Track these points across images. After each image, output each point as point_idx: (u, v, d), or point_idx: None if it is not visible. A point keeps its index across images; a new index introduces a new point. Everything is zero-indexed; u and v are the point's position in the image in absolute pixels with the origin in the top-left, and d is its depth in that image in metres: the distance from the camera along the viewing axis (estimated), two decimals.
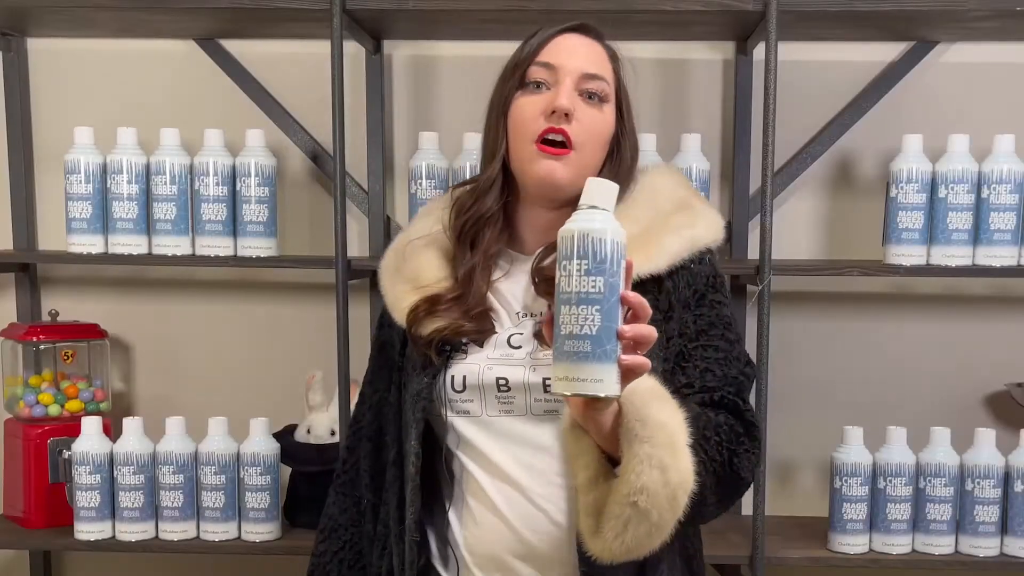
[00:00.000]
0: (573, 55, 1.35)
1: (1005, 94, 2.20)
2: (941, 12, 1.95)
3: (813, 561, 2.01)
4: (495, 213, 1.37)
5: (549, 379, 1.28)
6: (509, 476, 1.33)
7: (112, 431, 2.10)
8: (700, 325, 1.36)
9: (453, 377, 1.34)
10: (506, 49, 1.42)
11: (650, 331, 1.10)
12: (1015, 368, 2.21)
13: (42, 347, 2.19)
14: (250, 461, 2.03)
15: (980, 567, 2.00)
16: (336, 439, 2.07)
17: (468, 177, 1.54)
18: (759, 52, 2.00)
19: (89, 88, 2.27)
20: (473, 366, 1.34)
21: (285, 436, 2.11)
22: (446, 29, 2.14)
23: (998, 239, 1.97)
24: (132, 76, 2.27)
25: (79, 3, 2.00)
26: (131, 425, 2.04)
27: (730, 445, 1.28)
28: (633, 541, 1.15)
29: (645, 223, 1.35)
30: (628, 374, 1.09)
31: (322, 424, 2.09)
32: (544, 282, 1.32)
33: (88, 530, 2.04)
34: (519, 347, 1.34)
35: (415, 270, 1.41)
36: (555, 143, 1.31)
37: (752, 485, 1.41)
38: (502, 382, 1.32)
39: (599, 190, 1.09)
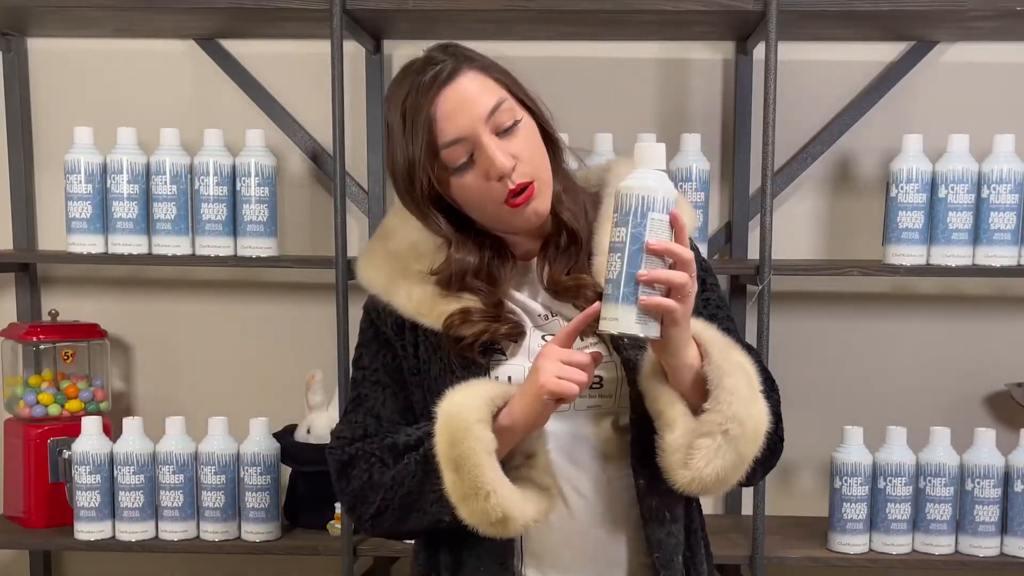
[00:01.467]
0: (464, 109, 1.26)
1: (1005, 94, 2.20)
2: (941, 12, 1.95)
3: (813, 561, 2.01)
4: (477, 257, 1.35)
5: (595, 376, 1.32)
6: (554, 467, 1.33)
7: (112, 431, 2.10)
8: (710, 309, 1.38)
9: (497, 378, 1.33)
10: (506, 49, 1.41)
11: (674, 275, 1.16)
12: (1015, 368, 2.21)
13: (42, 347, 2.19)
14: (250, 461, 2.03)
15: (980, 567, 2.00)
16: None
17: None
18: (759, 52, 2.00)
19: (89, 88, 2.27)
20: (517, 367, 1.33)
21: (285, 436, 2.11)
22: (446, 29, 2.14)
23: (998, 239, 1.97)
24: (132, 76, 2.27)
25: (79, 3, 2.00)
26: (131, 425, 2.04)
27: (776, 409, 1.33)
28: (722, 470, 1.22)
29: None
30: (666, 319, 1.17)
31: (322, 424, 2.09)
32: (565, 291, 1.33)
33: (88, 530, 2.04)
34: None
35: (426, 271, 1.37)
36: (519, 192, 1.29)
37: (755, 481, 1.43)
38: None
39: (644, 154, 1.19)
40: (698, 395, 1.23)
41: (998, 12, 1.94)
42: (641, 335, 1.17)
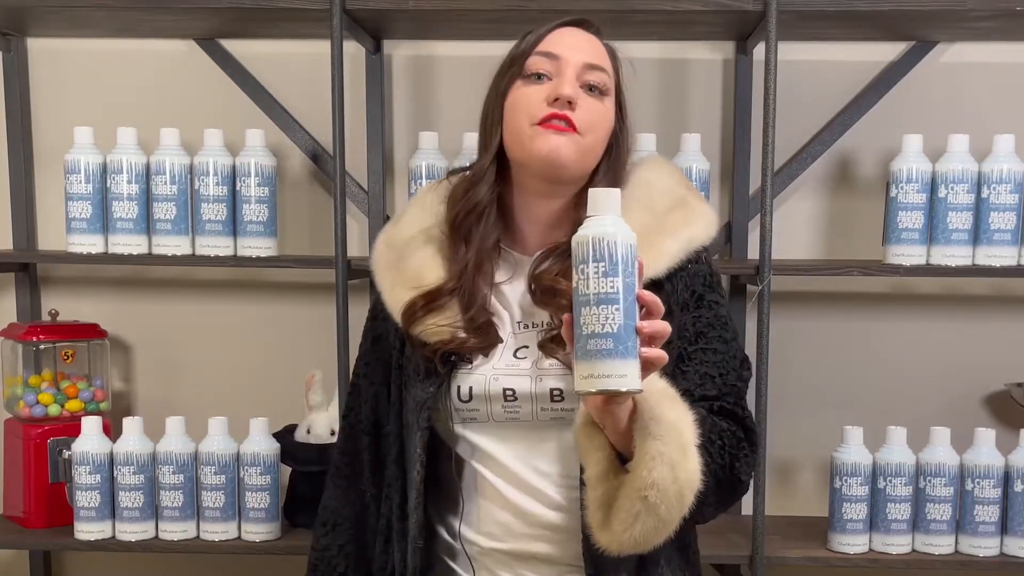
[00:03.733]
0: (575, 47, 1.34)
1: (1005, 94, 2.20)
2: (941, 12, 1.94)
3: (813, 561, 2.01)
4: (489, 203, 1.36)
5: (556, 389, 1.31)
6: (519, 477, 1.34)
7: (112, 431, 2.10)
8: (699, 327, 1.36)
9: (459, 388, 1.34)
10: (505, 49, 1.41)
11: (665, 326, 1.13)
12: (1015, 368, 2.21)
13: (42, 347, 2.19)
14: (250, 461, 2.03)
15: (980, 567, 2.00)
16: (336, 439, 2.06)
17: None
18: (759, 52, 2.00)
19: (89, 88, 2.27)
20: (479, 377, 1.34)
21: (285, 436, 2.11)
22: (446, 29, 2.14)
23: (998, 239, 1.97)
24: (132, 76, 2.27)
25: (79, 3, 2.00)
26: (131, 425, 2.04)
27: (732, 450, 1.31)
28: (641, 535, 1.17)
29: (641, 226, 1.33)
30: (647, 367, 1.11)
31: (322, 424, 2.09)
32: (544, 292, 1.32)
33: (88, 530, 2.04)
34: (524, 358, 1.34)
35: (416, 271, 1.39)
36: (560, 122, 1.30)
37: (751, 485, 1.42)
38: (509, 392, 1.33)
39: (604, 199, 1.12)
40: (630, 447, 1.17)
41: (998, 12, 1.94)
42: (639, 389, 1.09)
